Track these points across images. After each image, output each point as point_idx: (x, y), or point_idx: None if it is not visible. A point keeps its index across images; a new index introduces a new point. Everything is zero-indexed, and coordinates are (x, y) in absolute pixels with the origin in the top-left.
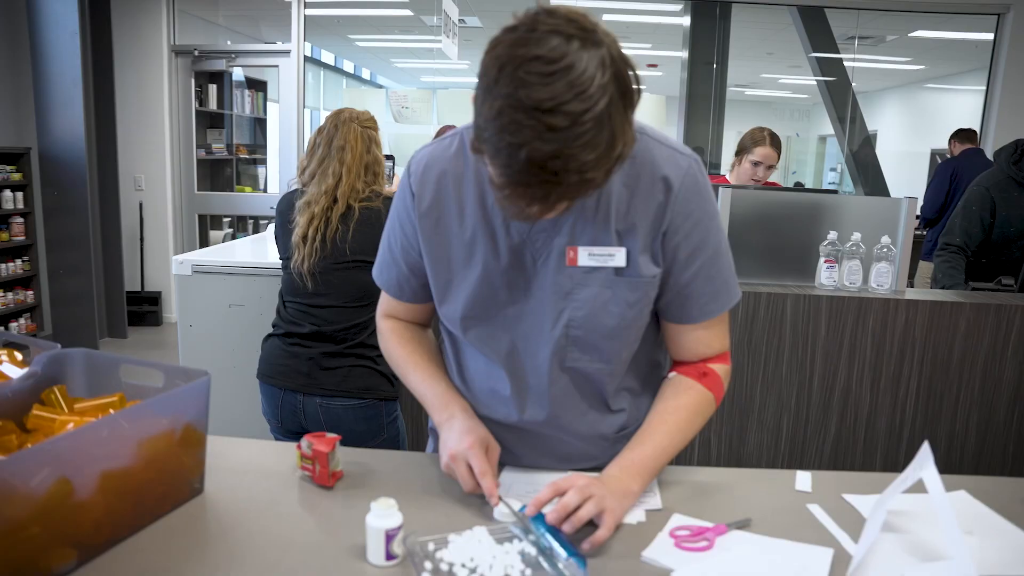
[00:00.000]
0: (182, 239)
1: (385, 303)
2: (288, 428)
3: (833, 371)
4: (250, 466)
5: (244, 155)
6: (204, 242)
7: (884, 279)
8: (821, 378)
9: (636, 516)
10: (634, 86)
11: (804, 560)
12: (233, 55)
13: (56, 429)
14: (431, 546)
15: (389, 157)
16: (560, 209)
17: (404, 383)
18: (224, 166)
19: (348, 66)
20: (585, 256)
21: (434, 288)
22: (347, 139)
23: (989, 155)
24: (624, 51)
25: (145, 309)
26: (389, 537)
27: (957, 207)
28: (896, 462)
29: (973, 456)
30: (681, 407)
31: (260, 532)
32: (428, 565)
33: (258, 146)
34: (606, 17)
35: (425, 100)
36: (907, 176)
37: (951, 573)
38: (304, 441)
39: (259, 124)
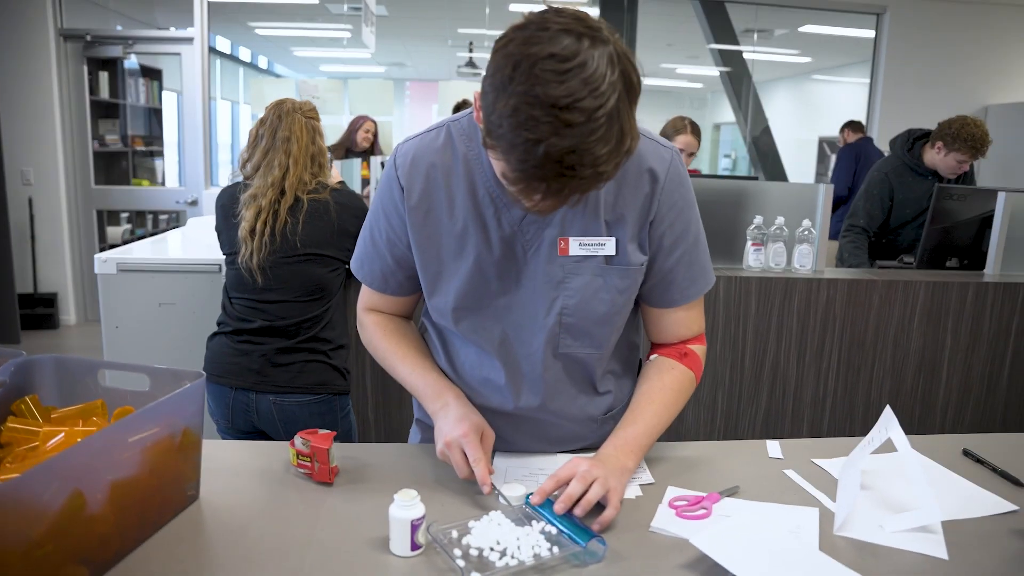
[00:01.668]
0: (78, 236)
1: (367, 297)
2: (239, 428)
3: (763, 348)
4: (240, 468)
5: (140, 147)
6: (102, 239)
7: (806, 260)
8: (752, 355)
9: (633, 491)
10: (636, 82)
11: (796, 519)
12: (130, 41)
13: (42, 441)
14: (454, 533)
15: (331, 148)
16: (571, 203)
17: (393, 375)
18: (119, 159)
19: (244, 54)
20: (576, 246)
21: (423, 280)
22: (292, 130)
23: (876, 143)
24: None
25: (39, 312)
26: (414, 527)
27: (860, 191)
28: (820, 430)
29: None
30: (666, 387)
31: (272, 535)
32: (458, 552)
33: (154, 138)
34: (513, 7)
35: (336, 90)
36: (797, 162)
37: (922, 519)
38: (298, 439)
39: (155, 114)
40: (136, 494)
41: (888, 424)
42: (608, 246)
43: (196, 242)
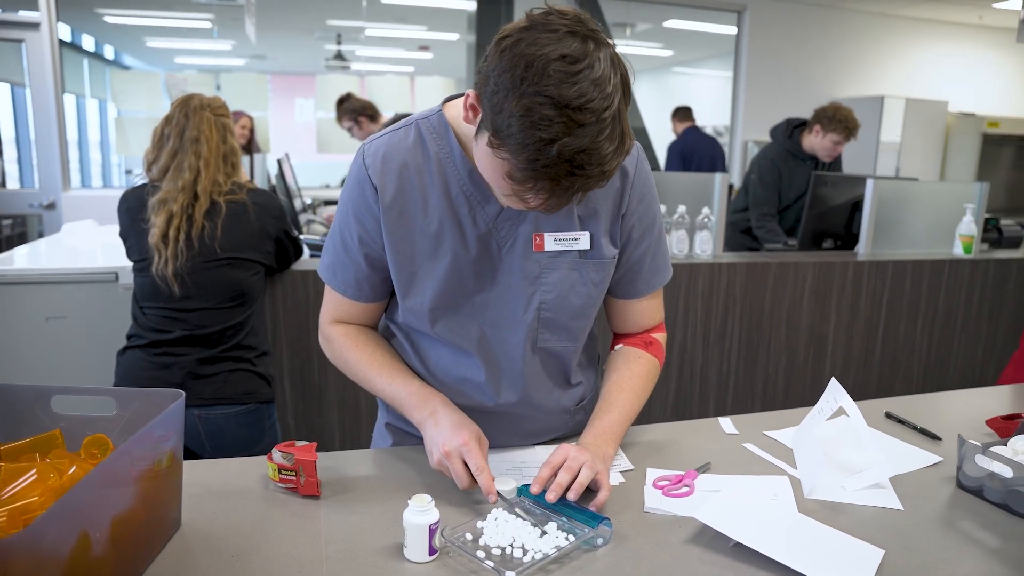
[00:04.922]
0: None
1: (334, 308)
2: None
3: (672, 332)
4: (213, 489)
5: None
6: None
7: (706, 246)
8: None
9: (615, 478)
10: (630, 84)
11: (772, 487)
12: None
13: (7, 480)
14: (468, 536)
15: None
16: (575, 201)
17: (367, 387)
18: None
19: (88, 43)
20: (551, 241)
21: (397, 281)
22: (201, 129)
23: (741, 131)
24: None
25: None
26: (431, 532)
27: (754, 181)
28: (724, 408)
29: (783, 393)
30: (635, 375)
31: (279, 555)
32: (481, 554)
33: None
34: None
35: (207, 84)
36: (661, 153)
37: (875, 477)
38: (277, 452)
39: None
40: (132, 528)
41: (837, 394)
42: (582, 240)
43: (80, 249)
